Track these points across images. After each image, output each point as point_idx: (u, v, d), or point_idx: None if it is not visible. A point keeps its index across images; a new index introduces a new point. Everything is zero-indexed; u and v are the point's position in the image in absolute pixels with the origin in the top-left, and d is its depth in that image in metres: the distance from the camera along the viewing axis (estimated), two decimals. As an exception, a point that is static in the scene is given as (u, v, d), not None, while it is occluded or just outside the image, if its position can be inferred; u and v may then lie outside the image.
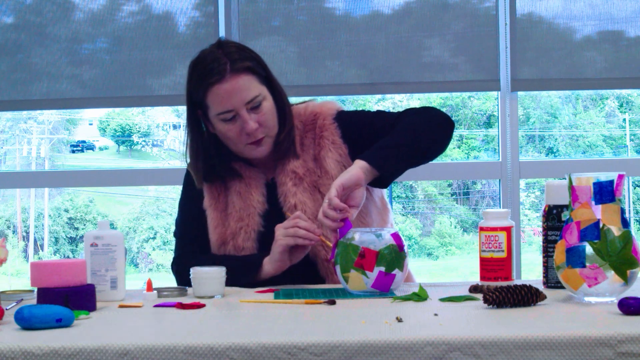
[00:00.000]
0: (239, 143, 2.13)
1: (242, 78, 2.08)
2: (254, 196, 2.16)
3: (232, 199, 2.17)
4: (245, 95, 2.08)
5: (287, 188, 2.15)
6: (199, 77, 2.10)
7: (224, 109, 2.08)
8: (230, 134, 2.11)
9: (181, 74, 3.42)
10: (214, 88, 2.07)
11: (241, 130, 2.10)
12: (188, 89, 2.15)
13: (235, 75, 2.07)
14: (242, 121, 2.08)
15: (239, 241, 2.13)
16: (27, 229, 8.76)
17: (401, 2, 3.40)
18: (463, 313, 1.63)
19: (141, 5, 3.45)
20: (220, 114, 2.09)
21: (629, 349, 1.37)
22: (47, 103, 3.51)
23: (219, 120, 2.10)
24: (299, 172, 2.16)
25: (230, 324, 1.59)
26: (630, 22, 3.37)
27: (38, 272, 1.74)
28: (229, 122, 2.10)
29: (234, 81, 2.07)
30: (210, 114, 2.12)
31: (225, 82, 2.07)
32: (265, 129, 2.12)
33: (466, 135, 8.06)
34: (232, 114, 2.08)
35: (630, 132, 8.11)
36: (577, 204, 1.72)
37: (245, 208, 2.15)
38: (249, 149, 2.14)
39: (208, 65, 2.09)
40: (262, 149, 2.14)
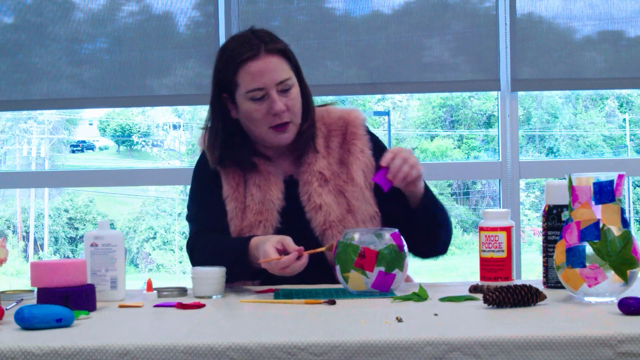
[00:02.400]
0: (264, 125, 2.12)
1: (275, 58, 2.11)
2: (273, 192, 2.16)
3: (250, 192, 2.16)
4: (277, 75, 2.10)
5: (313, 188, 2.15)
6: (231, 56, 2.11)
7: (255, 87, 2.09)
8: (257, 114, 2.11)
9: (181, 74, 3.43)
10: (247, 65, 2.09)
11: (268, 110, 2.10)
12: (217, 69, 2.16)
13: (269, 55, 2.10)
14: (271, 101, 2.09)
15: (257, 234, 2.11)
16: (27, 229, 8.76)
17: (401, 2, 3.39)
18: (463, 313, 1.63)
19: (141, 5, 3.45)
20: (250, 91, 2.09)
21: (629, 349, 1.37)
22: (47, 103, 3.51)
23: (247, 99, 2.11)
24: (325, 173, 2.17)
25: (230, 324, 1.59)
26: (630, 22, 3.37)
27: (38, 272, 1.74)
28: (257, 102, 2.10)
29: (268, 60, 2.10)
30: (238, 93, 2.12)
31: (259, 59, 2.09)
32: (292, 114, 2.13)
33: (466, 135, 8.06)
34: (262, 92, 2.09)
35: (630, 132, 8.11)
36: (577, 204, 1.73)
37: (264, 202, 2.14)
38: (272, 135, 2.14)
39: (241, 44, 2.11)
40: (286, 135, 2.14)
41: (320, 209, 2.12)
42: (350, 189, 2.15)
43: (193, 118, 9.02)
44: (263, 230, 2.12)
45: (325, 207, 2.12)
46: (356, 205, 2.14)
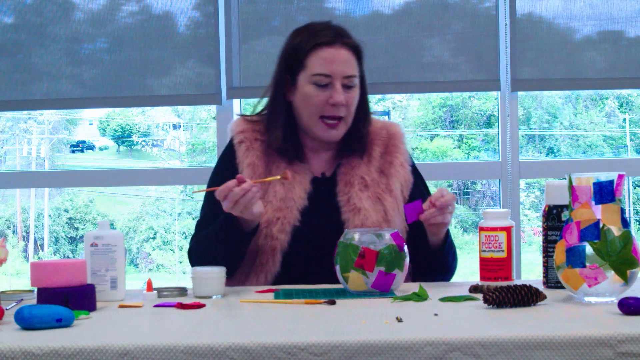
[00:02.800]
0: (317, 113, 2.14)
1: (349, 53, 2.15)
2: (297, 191, 2.17)
3: (274, 188, 2.16)
4: (347, 69, 2.14)
5: (354, 191, 2.18)
6: (308, 36, 2.15)
7: (322, 72, 2.12)
8: (316, 100, 2.13)
9: (181, 74, 3.43)
10: (320, 49, 2.12)
11: (327, 99, 2.13)
12: (287, 49, 2.18)
13: (344, 47, 2.14)
14: (334, 90, 2.12)
15: (273, 230, 2.13)
16: (27, 229, 8.76)
17: (401, 2, 3.39)
18: (463, 313, 1.63)
19: (141, 5, 3.45)
20: (317, 75, 2.12)
21: (629, 349, 1.37)
22: (47, 103, 3.51)
23: (310, 82, 2.13)
24: (366, 178, 2.20)
25: (230, 324, 1.59)
26: (630, 22, 3.37)
27: (38, 272, 1.74)
28: (320, 88, 2.13)
29: (341, 51, 2.14)
30: (302, 75, 2.14)
31: (334, 47, 2.13)
32: (347, 111, 2.16)
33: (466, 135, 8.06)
34: (327, 80, 2.12)
35: (630, 132, 8.11)
36: (577, 204, 1.73)
37: (286, 200, 2.15)
38: (321, 127, 2.16)
39: (320, 30, 2.16)
40: (335, 132, 2.17)
41: (359, 212, 2.14)
42: (388, 199, 2.19)
43: (193, 118, 9.02)
44: (280, 227, 2.13)
45: (363, 211, 2.14)
46: (392, 215, 2.18)
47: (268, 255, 2.13)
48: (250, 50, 3.38)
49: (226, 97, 3.40)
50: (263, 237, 2.13)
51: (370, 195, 2.18)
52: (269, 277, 2.13)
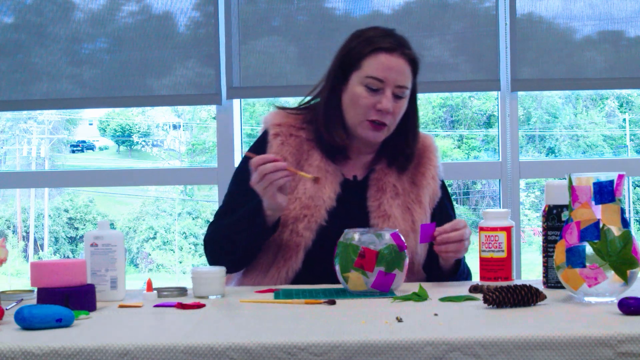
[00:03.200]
0: (362, 115, 2.15)
1: (406, 65, 2.16)
2: (326, 191, 2.17)
3: (304, 185, 2.17)
4: (401, 78, 2.15)
5: (386, 197, 2.19)
6: (370, 39, 2.16)
7: (377, 76, 2.13)
8: (364, 101, 2.15)
9: (181, 74, 3.42)
10: (380, 54, 2.14)
11: (375, 104, 2.14)
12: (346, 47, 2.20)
13: (403, 57, 2.16)
14: (384, 97, 2.14)
15: (299, 227, 2.14)
16: (27, 229, 8.76)
17: (401, 2, 3.39)
18: (463, 313, 1.63)
19: (141, 5, 3.45)
20: (370, 77, 2.14)
21: (629, 349, 1.37)
22: (47, 103, 3.51)
23: (361, 84, 2.15)
24: (398, 187, 2.22)
25: (230, 324, 1.59)
26: (630, 22, 3.37)
27: (38, 272, 1.74)
28: (370, 91, 2.14)
29: (400, 60, 2.15)
30: (355, 75, 2.16)
31: (393, 55, 2.14)
32: (392, 120, 2.17)
33: (466, 135, 8.05)
34: (380, 84, 2.14)
35: (630, 132, 8.10)
36: (577, 204, 1.72)
37: (315, 198, 2.16)
38: (366, 127, 2.17)
39: (382, 35, 2.17)
40: (379, 134, 2.18)
41: (388, 219, 2.16)
42: (417, 210, 2.21)
43: (193, 118, 9.02)
44: (306, 225, 2.13)
45: (393, 219, 2.16)
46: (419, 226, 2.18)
47: (292, 251, 2.13)
48: (250, 50, 3.38)
49: (226, 97, 3.40)
50: (289, 232, 2.14)
51: (401, 204, 2.20)
52: (290, 274, 2.13)
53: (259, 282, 2.17)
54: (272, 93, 3.45)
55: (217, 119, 3.46)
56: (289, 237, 2.13)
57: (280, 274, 2.13)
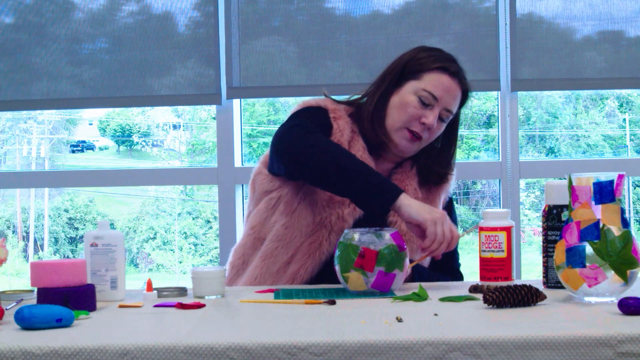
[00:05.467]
0: (405, 122, 2.19)
1: (459, 93, 2.24)
2: None
3: None
4: (452, 103, 2.22)
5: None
6: (437, 57, 2.23)
7: (433, 92, 2.18)
8: (412, 110, 2.18)
9: (181, 74, 3.42)
10: (443, 74, 2.20)
11: (420, 117, 2.18)
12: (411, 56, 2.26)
13: (459, 86, 2.24)
14: (430, 113, 2.18)
15: (344, 212, 2.15)
16: (27, 229, 8.75)
17: (401, 2, 3.39)
18: (463, 313, 1.63)
19: (141, 5, 3.45)
20: (426, 91, 2.18)
21: (629, 349, 1.37)
22: (47, 103, 3.51)
23: (415, 94, 2.19)
24: (418, 192, 2.26)
25: (230, 324, 1.59)
26: (630, 22, 3.37)
27: (38, 272, 1.74)
28: (421, 104, 2.19)
29: (456, 87, 2.23)
30: (412, 83, 2.20)
31: (453, 80, 2.21)
32: (428, 138, 2.22)
33: (466, 135, 8.05)
34: (432, 101, 2.19)
35: (630, 132, 8.10)
36: (577, 204, 1.72)
37: None
38: (402, 135, 2.20)
39: (449, 59, 2.25)
40: (412, 146, 2.22)
41: None
42: None
43: (193, 118, 9.01)
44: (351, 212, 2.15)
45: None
46: None
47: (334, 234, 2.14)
48: (250, 50, 3.38)
49: (226, 97, 3.40)
50: (334, 215, 2.15)
51: None
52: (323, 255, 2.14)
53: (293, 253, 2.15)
54: (272, 93, 3.45)
55: (217, 119, 3.46)
56: (335, 221, 2.15)
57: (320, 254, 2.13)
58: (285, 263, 2.15)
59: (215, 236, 7.76)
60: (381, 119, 2.22)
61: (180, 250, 8.52)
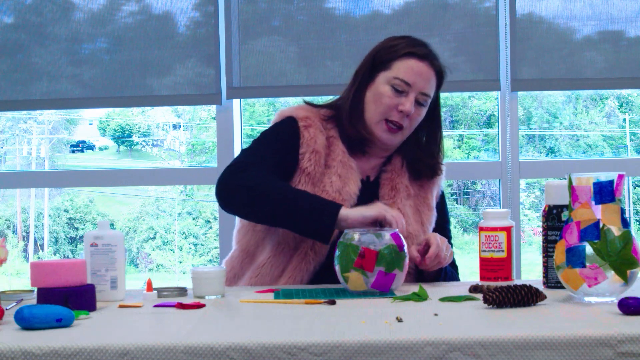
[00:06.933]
0: (382, 114, 2.18)
1: (433, 75, 2.20)
2: (351, 187, 2.18)
3: (330, 179, 2.17)
4: (427, 86, 2.19)
5: (400, 197, 2.22)
6: (405, 44, 2.20)
7: (405, 78, 2.17)
8: (386, 100, 2.17)
9: (181, 74, 3.42)
10: (411, 59, 2.18)
11: (397, 105, 2.17)
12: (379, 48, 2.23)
13: (431, 67, 2.20)
14: (407, 100, 2.16)
15: None
16: (27, 229, 8.76)
17: (401, 2, 3.39)
18: (463, 313, 1.63)
19: (141, 5, 3.45)
20: (397, 79, 2.17)
21: (629, 349, 1.37)
22: (47, 103, 3.51)
23: (388, 84, 2.18)
24: (410, 189, 2.25)
25: (230, 324, 1.59)
26: (630, 22, 3.37)
27: (38, 272, 1.74)
28: (394, 92, 2.17)
29: (429, 69, 2.19)
30: (384, 74, 2.19)
31: (423, 63, 2.18)
32: (409, 125, 2.20)
33: (466, 135, 8.05)
34: (405, 88, 2.17)
35: (630, 132, 8.10)
36: (577, 204, 1.73)
37: (342, 192, 2.15)
38: (381, 128, 2.19)
39: (414, 43, 2.21)
40: (393, 137, 2.20)
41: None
42: (425, 212, 2.25)
43: (193, 118, 9.02)
44: None
45: (406, 218, 2.16)
46: (427, 228, 2.24)
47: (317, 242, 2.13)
48: (250, 50, 3.38)
49: (226, 97, 3.40)
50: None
51: (412, 205, 2.23)
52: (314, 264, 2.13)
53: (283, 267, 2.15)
54: (272, 93, 3.45)
55: (217, 119, 3.46)
56: None
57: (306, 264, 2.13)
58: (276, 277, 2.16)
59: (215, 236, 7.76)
60: (359, 114, 2.22)
61: (180, 250, 8.52)
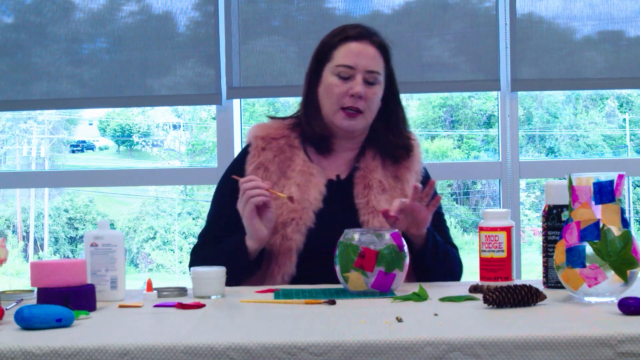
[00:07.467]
0: (337, 104, 2.18)
1: (376, 51, 2.19)
2: (312, 192, 2.18)
3: (289, 190, 2.18)
4: (371, 63, 2.18)
5: (373, 193, 2.20)
6: (340, 31, 2.21)
7: (346, 63, 2.16)
8: (337, 90, 2.17)
9: (181, 74, 3.42)
10: (348, 43, 2.18)
11: (347, 91, 2.16)
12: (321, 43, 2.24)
13: (372, 44, 2.19)
14: (355, 83, 2.16)
15: (287, 231, 2.15)
16: (27, 229, 8.76)
17: (401, 2, 3.39)
18: (463, 313, 1.63)
19: (141, 5, 3.45)
20: (340, 66, 2.17)
21: (629, 349, 1.37)
22: (47, 103, 3.51)
23: (333, 74, 2.18)
24: (384, 183, 2.23)
25: (230, 324, 1.59)
26: (630, 22, 3.37)
27: (38, 272, 1.74)
28: (342, 80, 2.17)
29: (369, 47, 2.18)
30: (328, 66, 2.20)
31: (361, 43, 2.18)
32: (367, 106, 2.19)
33: (466, 135, 8.05)
34: (350, 72, 2.17)
35: (630, 132, 8.10)
36: (577, 204, 1.72)
37: (301, 201, 2.17)
38: (341, 117, 2.19)
39: (350, 27, 2.22)
40: (354, 122, 2.19)
41: (377, 215, 2.16)
42: None
43: (193, 118, 9.02)
44: (295, 228, 2.14)
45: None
46: None
47: (285, 256, 2.14)
48: (250, 50, 3.38)
49: (226, 97, 3.40)
50: (280, 238, 2.15)
51: (388, 199, 2.20)
52: (286, 278, 2.14)
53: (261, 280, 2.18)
54: (272, 93, 3.45)
55: (217, 119, 3.46)
56: (280, 243, 2.15)
57: (275, 280, 2.15)
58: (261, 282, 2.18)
59: (215, 236, 7.74)
60: (317, 113, 2.22)
61: (180, 250, 8.52)
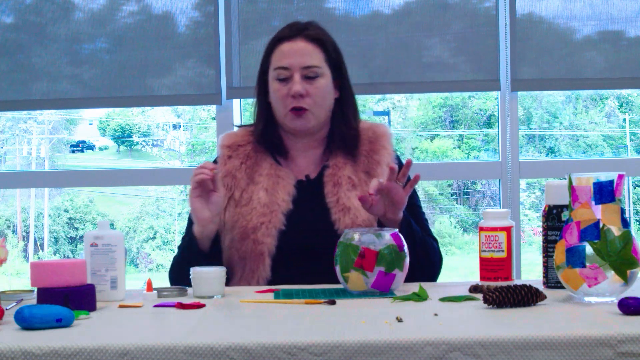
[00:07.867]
0: (284, 107, 2.17)
1: (309, 45, 2.18)
2: (280, 195, 2.18)
3: (257, 195, 2.18)
4: (306, 60, 2.16)
5: (343, 190, 2.19)
6: (274, 36, 2.21)
7: (281, 65, 2.16)
8: (279, 94, 2.17)
9: (181, 74, 3.42)
10: (281, 44, 2.18)
11: (288, 92, 2.16)
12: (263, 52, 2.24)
13: (304, 40, 2.18)
14: (293, 82, 2.15)
15: (258, 235, 2.14)
16: (27, 229, 8.76)
17: (401, 2, 3.39)
18: (463, 313, 1.63)
19: (141, 5, 3.45)
20: (277, 69, 2.17)
21: (629, 349, 1.37)
22: (47, 103, 3.51)
23: (274, 78, 2.18)
24: (354, 179, 2.21)
25: (230, 324, 1.59)
26: (630, 22, 3.37)
27: (38, 272, 1.74)
28: (281, 82, 2.17)
29: (301, 44, 2.17)
30: (270, 72, 2.20)
31: (292, 41, 2.17)
32: (312, 103, 2.17)
33: (466, 135, 8.06)
34: (287, 72, 2.16)
35: (630, 132, 8.11)
36: (577, 204, 1.73)
37: (270, 205, 2.17)
38: (290, 118, 2.19)
39: (285, 27, 2.21)
40: (302, 121, 2.19)
41: (348, 211, 2.15)
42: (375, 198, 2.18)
43: (193, 118, 9.02)
44: (265, 231, 2.14)
45: (353, 210, 2.15)
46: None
47: (257, 261, 2.15)
48: (250, 50, 3.38)
49: (226, 97, 3.40)
50: (251, 243, 2.15)
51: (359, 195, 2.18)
52: (261, 282, 2.14)
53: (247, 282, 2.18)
54: (272, 93, 3.45)
55: (217, 119, 3.46)
56: (252, 247, 2.15)
57: (250, 285, 2.14)
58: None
59: (215, 236, 7.74)
60: (271, 120, 2.24)
61: (181, 250, 8.50)
